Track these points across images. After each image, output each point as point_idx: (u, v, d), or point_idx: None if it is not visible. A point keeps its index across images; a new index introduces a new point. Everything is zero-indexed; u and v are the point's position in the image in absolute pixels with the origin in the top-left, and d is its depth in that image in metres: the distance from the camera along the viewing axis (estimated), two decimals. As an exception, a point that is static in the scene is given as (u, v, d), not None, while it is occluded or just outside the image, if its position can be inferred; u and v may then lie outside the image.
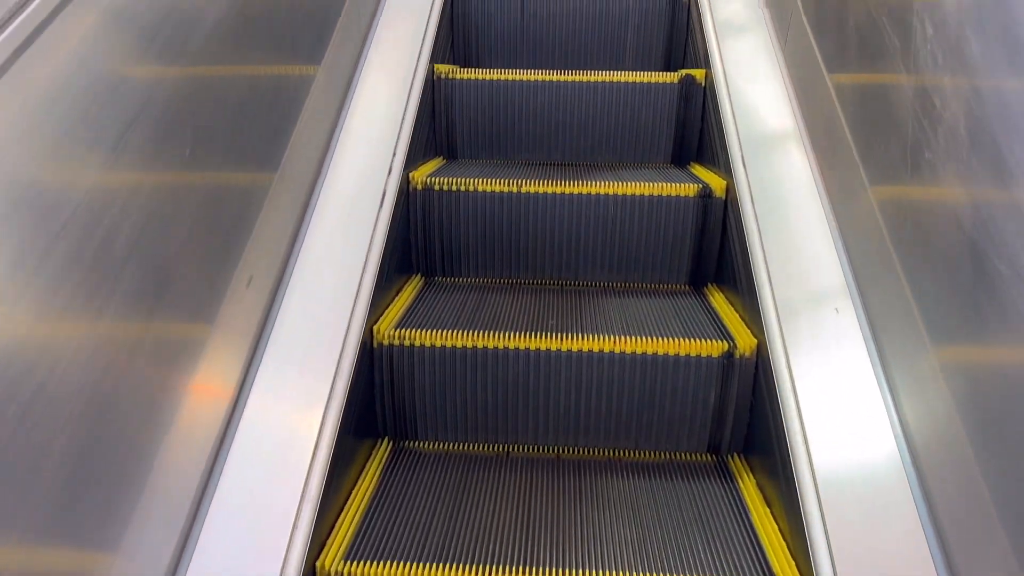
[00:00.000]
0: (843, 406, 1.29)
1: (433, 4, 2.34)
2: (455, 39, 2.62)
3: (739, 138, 1.85)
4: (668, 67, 2.59)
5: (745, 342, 1.60)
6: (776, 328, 1.46)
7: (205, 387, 1.17)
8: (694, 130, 2.29)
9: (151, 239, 1.00)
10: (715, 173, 2.05)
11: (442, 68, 2.29)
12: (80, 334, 0.87)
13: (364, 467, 1.59)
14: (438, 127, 2.35)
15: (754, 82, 1.98)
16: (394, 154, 1.85)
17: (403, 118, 1.95)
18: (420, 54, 2.15)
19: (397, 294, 1.89)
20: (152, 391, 1.02)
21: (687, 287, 2.04)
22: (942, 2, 1.11)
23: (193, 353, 1.13)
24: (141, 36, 1.01)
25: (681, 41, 2.55)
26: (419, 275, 2.06)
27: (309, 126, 1.62)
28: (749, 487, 1.56)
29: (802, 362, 1.38)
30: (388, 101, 1.98)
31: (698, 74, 2.23)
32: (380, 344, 1.63)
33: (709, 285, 2.01)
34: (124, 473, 0.95)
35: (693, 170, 2.24)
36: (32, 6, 0.82)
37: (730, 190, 1.89)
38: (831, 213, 1.57)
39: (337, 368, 1.39)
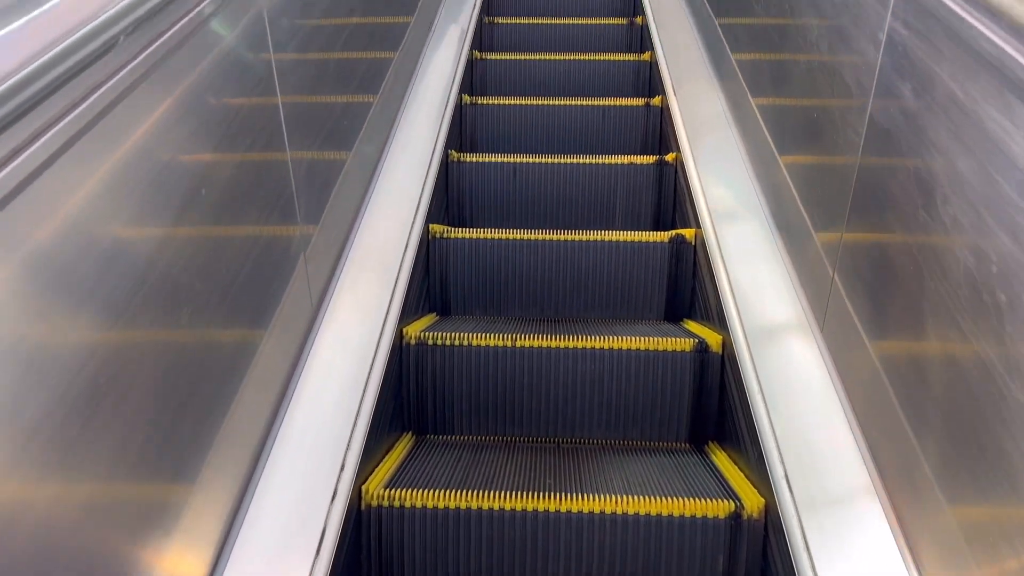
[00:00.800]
0: None
1: (430, 167, 2.42)
2: (450, 200, 2.70)
3: (733, 293, 1.86)
4: (658, 226, 2.66)
5: (752, 502, 1.52)
6: (787, 492, 1.39)
7: (177, 553, 1.08)
8: (686, 287, 2.31)
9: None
10: (710, 329, 2.05)
11: (436, 228, 2.34)
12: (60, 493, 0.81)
13: (347, 645, 1.46)
14: (432, 285, 2.36)
15: (744, 239, 2.02)
16: (388, 309, 1.84)
17: (398, 275, 1.96)
18: (416, 213, 2.20)
19: (387, 453, 1.82)
20: (114, 560, 0.94)
21: (687, 445, 1.98)
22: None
23: (170, 515, 1.06)
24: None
25: (669, 201, 2.63)
26: (410, 433, 2.00)
27: (311, 272, 1.62)
28: (766, 665, 1.43)
29: (817, 528, 1.31)
30: (385, 258, 2.00)
31: (688, 233, 2.28)
32: (368, 506, 1.54)
33: (710, 443, 1.95)
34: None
35: (687, 326, 2.24)
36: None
37: (727, 345, 1.87)
38: (833, 367, 1.55)
39: (323, 533, 1.30)
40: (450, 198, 2.70)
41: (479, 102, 3.03)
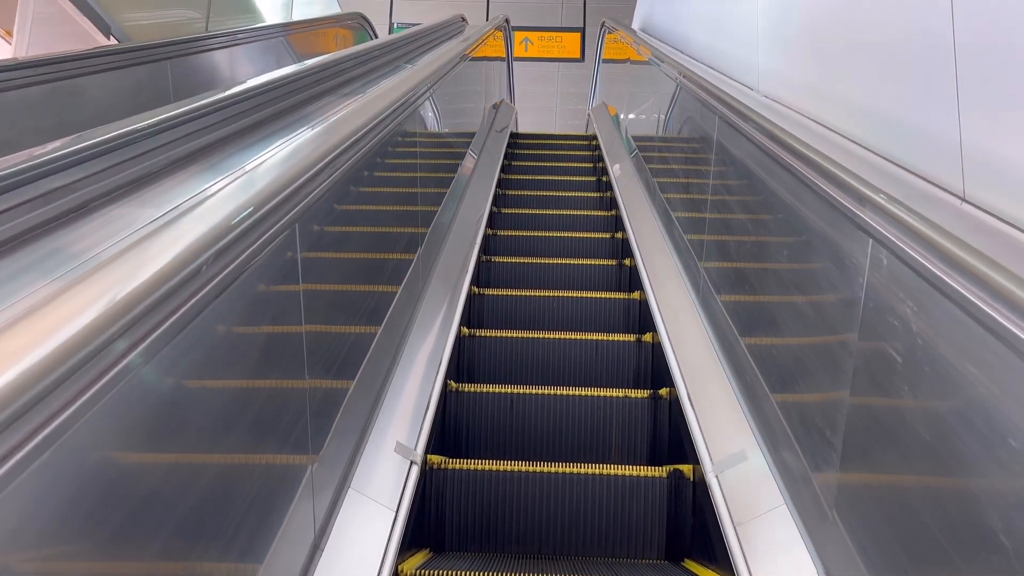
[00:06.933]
0: None
1: (430, 402, 2.46)
2: (446, 430, 2.72)
3: (736, 533, 1.84)
4: (654, 460, 2.66)
5: None
6: None
7: None
8: (686, 524, 2.28)
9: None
10: (713, 571, 2.00)
11: (434, 459, 2.34)
12: None
13: None
14: (427, 518, 2.32)
15: (741, 471, 2.03)
16: (386, 549, 1.80)
17: (396, 513, 1.94)
18: (416, 447, 2.21)
19: None
20: None
21: None
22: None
23: None
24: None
25: (664, 435, 2.66)
26: None
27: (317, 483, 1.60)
28: None
29: None
30: (382, 495, 1.99)
31: (686, 469, 2.29)
32: None
33: None
34: None
35: (688, 566, 2.18)
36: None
37: (732, 589, 1.82)
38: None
39: None
40: (447, 426, 2.72)
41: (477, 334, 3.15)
